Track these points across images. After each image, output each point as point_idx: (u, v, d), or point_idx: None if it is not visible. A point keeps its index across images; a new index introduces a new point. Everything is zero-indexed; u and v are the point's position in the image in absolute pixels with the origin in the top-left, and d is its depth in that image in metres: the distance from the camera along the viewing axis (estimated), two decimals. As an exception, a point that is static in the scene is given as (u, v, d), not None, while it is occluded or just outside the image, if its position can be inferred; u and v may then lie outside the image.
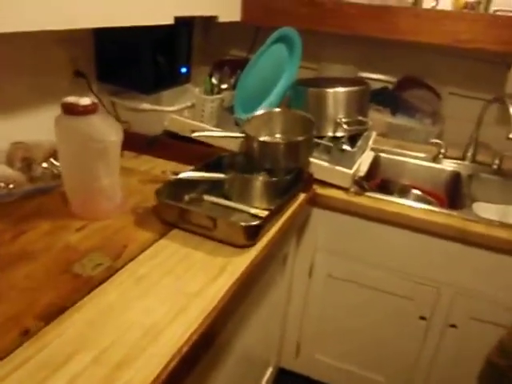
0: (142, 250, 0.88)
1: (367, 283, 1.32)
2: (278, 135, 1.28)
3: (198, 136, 1.24)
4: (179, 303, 0.75)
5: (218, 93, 1.43)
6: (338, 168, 1.22)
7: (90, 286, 0.77)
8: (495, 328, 1.18)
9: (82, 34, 1.32)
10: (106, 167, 0.95)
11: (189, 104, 1.47)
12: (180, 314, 0.73)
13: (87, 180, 0.96)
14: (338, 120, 1.33)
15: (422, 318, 1.29)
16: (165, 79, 1.43)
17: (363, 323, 1.39)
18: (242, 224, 0.90)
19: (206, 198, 1.09)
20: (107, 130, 0.94)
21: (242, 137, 1.19)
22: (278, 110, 1.30)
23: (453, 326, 1.26)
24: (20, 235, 0.89)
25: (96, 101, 0.95)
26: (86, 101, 0.92)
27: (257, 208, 1.05)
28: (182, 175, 1.03)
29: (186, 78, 1.53)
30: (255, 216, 1.02)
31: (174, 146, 1.35)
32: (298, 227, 1.31)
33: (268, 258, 0.97)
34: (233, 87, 1.48)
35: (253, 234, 0.92)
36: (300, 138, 1.16)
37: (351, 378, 1.48)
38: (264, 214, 0.99)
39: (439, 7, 1.44)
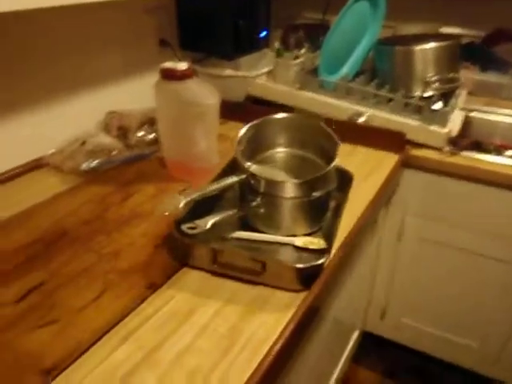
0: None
1: (462, 246, 1.27)
2: (281, 148, 0.94)
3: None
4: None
5: (298, 57, 1.41)
6: (431, 128, 1.17)
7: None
8: None
9: (166, 1, 1.33)
10: (204, 130, 0.97)
11: (267, 69, 1.46)
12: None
13: (186, 143, 0.98)
14: (428, 79, 1.27)
15: (520, 282, 1.24)
16: (245, 44, 1.42)
17: (454, 287, 1.35)
18: (299, 266, 0.69)
19: (235, 235, 0.81)
20: (205, 94, 0.95)
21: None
22: (279, 116, 0.92)
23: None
24: (128, 198, 0.94)
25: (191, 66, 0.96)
26: (183, 65, 0.93)
27: (295, 235, 0.81)
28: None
29: (266, 42, 1.51)
30: (303, 249, 0.78)
31: (257, 110, 1.34)
32: (388, 192, 1.28)
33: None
34: (311, 49, 1.45)
35: (310, 277, 0.70)
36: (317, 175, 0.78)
37: (439, 342, 1.46)
38: (317, 244, 0.77)
39: None
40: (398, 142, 1.16)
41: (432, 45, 1.28)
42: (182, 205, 0.72)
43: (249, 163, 0.85)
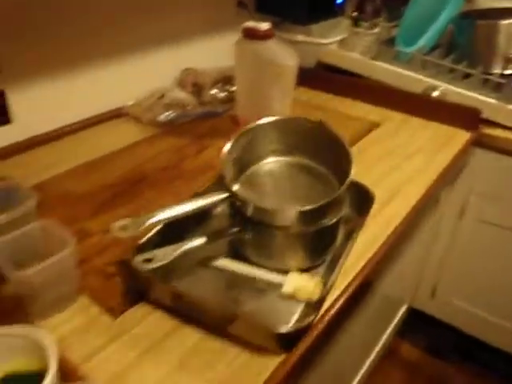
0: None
1: (525, 233, 1.25)
2: (270, 158, 0.77)
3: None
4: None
5: (373, 26, 1.39)
6: (510, 106, 1.13)
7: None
8: None
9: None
10: (280, 91, 0.99)
11: (341, 37, 1.45)
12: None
13: (261, 102, 1.01)
14: (511, 55, 1.22)
15: None
16: (320, 10, 1.42)
17: (511, 272, 1.33)
18: (280, 331, 0.53)
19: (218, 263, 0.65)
20: (284, 55, 0.97)
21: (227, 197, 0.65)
22: (271, 120, 0.76)
23: None
24: (202, 150, 0.98)
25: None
26: (265, 26, 0.95)
27: (286, 270, 0.63)
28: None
29: (341, 10, 1.49)
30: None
31: (329, 77, 1.35)
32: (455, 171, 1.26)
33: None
34: (387, 20, 1.42)
35: (290, 340, 0.55)
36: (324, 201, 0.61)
37: (488, 326, 1.45)
38: (310, 292, 0.59)
39: None
40: (472, 120, 1.14)
41: (518, 20, 1.23)
42: (143, 227, 0.56)
43: (233, 181, 0.66)
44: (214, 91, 1.20)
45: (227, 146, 0.69)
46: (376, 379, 1.47)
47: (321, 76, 1.35)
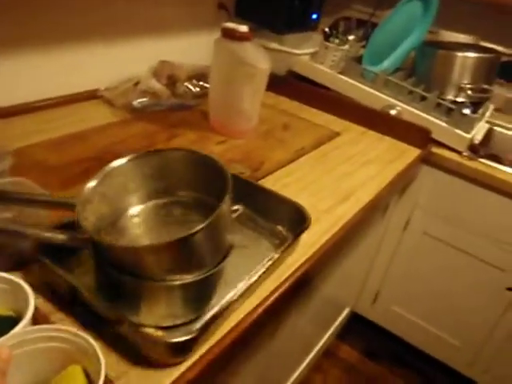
0: (278, 168, 0.98)
1: (461, 247, 1.36)
2: (139, 206, 0.65)
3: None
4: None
5: (343, 43, 1.48)
6: (456, 131, 1.24)
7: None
8: None
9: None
10: (251, 91, 1.05)
11: (313, 49, 1.53)
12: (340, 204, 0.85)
13: (232, 101, 1.07)
14: (463, 85, 1.34)
15: (509, 289, 1.32)
16: (296, 22, 1.50)
17: (448, 286, 1.44)
18: (169, 341, 0.50)
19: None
20: (259, 58, 1.03)
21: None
22: (132, 158, 0.63)
23: (540, 302, 1.29)
24: (172, 138, 1.03)
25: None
26: (244, 28, 1.01)
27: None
28: None
29: (315, 25, 1.58)
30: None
31: (297, 86, 1.43)
32: (403, 182, 1.36)
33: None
34: (358, 40, 1.52)
35: (184, 348, 0.52)
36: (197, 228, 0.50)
37: (424, 335, 1.55)
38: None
39: None
40: (423, 139, 1.24)
41: (474, 54, 1.35)
42: None
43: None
44: (187, 85, 1.25)
45: (91, 184, 0.58)
46: (315, 378, 1.55)
47: (290, 84, 1.43)
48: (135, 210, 0.65)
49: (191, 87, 1.25)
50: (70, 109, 1.09)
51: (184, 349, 0.52)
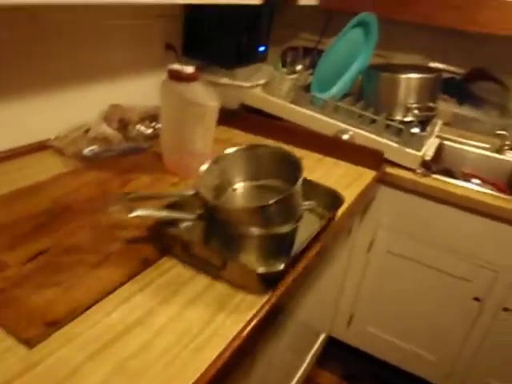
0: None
1: (426, 262, 1.38)
2: (242, 184, 0.92)
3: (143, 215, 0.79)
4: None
5: (293, 72, 1.51)
6: (407, 150, 1.28)
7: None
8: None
9: (175, 10, 1.43)
10: (202, 130, 1.06)
11: (264, 81, 1.56)
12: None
13: (184, 141, 1.07)
14: (409, 105, 1.39)
15: (476, 299, 1.34)
16: (244, 56, 1.53)
17: (417, 300, 1.45)
18: (259, 271, 0.73)
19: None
20: (207, 97, 1.04)
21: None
22: (240, 148, 0.90)
23: (506, 309, 1.31)
24: (126, 184, 1.01)
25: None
26: (190, 69, 1.02)
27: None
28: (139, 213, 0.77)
29: (264, 57, 1.62)
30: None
31: (250, 119, 1.44)
32: (364, 203, 1.38)
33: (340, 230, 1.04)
34: (306, 68, 1.56)
35: (272, 281, 0.74)
36: (285, 191, 0.77)
37: (401, 352, 1.56)
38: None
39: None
40: (376, 160, 1.27)
41: (416, 75, 1.40)
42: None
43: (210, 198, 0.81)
44: (139, 128, 1.24)
45: (207, 164, 0.86)
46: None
47: (243, 117, 1.44)
48: (236, 186, 0.91)
49: (144, 129, 1.25)
50: (19, 162, 1.06)
51: (271, 280, 0.73)
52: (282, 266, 0.73)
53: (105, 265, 0.74)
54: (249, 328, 0.67)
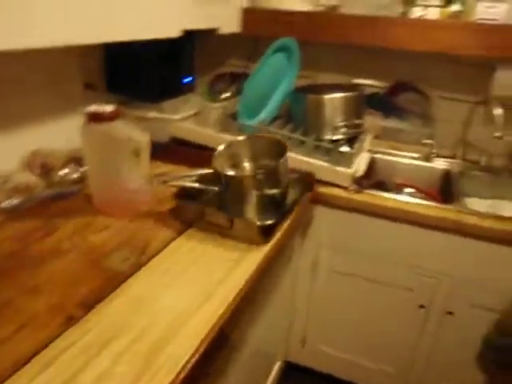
0: (164, 247, 0.95)
1: (368, 276, 1.40)
2: (246, 163, 1.17)
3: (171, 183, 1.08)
4: (205, 291, 0.82)
5: (221, 101, 1.51)
6: (338, 168, 1.30)
7: (119, 278, 0.84)
8: (489, 313, 1.26)
9: (92, 47, 1.39)
10: (132, 167, 1.04)
11: (193, 112, 1.55)
12: (207, 301, 0.80)
13: (115, 180, 1.04)
14: (336, 124, 1.42)
15: (422, 306, 1.37)
16: (169, 89, 1.51)
17: (365, 315, 1.46)
18: (258, 223, 0.98)
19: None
20: (133, 133, 1.02)
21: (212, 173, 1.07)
22: (243, 138, 1.17)
23: (450, 313, 1.34)
24: (50, 234, 0.96)
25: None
26: (109, 108, 1.00)
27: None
28: (174, 183, 1.08)
29: (190, 88, 1.61)
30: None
31: (182, 151, 1.42)
32: (302, 225, 1.39)
33: (278, 254, 1.04)
34: (234, 95, 1.56)
35: (268, 232, 0.99)
36: (273, 164, 1.07)
37: (355, 368, 1.56)
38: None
39: (428, 17, 1.54)
40: (309, 182, 1.28)
41: (340, 95, 1.43)
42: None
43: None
44: (64, 172, 1.19)
45: (220, 148, 1.11)
46: None
47: (174, 150, 1.42)
48: (244, 165, 1.16)
49: (69, 173, 1.20)
50: None
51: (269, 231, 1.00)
52: (273, 220, 1.00)
53: (27, 328, 0.69)
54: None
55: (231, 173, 1.12)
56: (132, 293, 0.81)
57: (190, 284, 0.84)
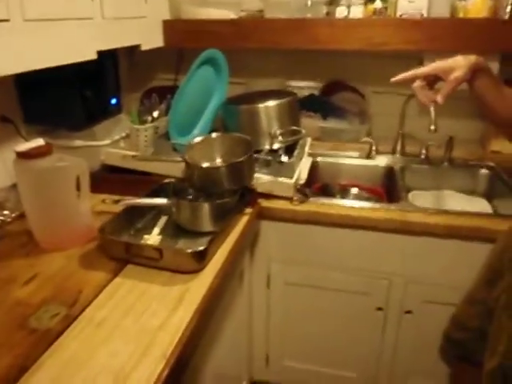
0: (98, 293, 0.87)
1: (322, 285, 1.37)
2: (218, 159, 1.25)
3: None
4: (144, 341, 0.75)
5: (152, 121, 1.42)
6: (279, 179, 1.25)
7: (49, 338, 0.75)
8: (446, 307, 1.25)
9: (1, 78, 1.28)
10: (77, 195, 0.99)
11: (123, 134, 1.47)
12: (146, 352, 0.73)
13: (59, 211, 1.00)
14: (273, 133, 1.37)
15: (379, 308, 1.35)
16: (95, 113, 1.41)
17: (325, 324, 1.43)
18: (188, 251, 0.91)
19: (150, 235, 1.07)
20: (71, 162, 0.96)
21: (183, 161, 1.17)
22: (215, 134, 1.28)
23: (408, 312, 1.33)
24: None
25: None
26: (39, 142, 0.96)
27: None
28: (124, 202, 1.08)
29: (118, 109, 1.52)
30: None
31: (115, 179, 1.34)
32: (250, 242, 1.34)
33: (225, 279, 0.99)
34: (165, 113, 1.48)
35: (200, 258, 0.92)
36: (240, 159, 1.13)
37: (322, 378, 1.52)
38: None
39: (351, 16, 1.53)
40: (251, 197, 1.23)
41: (274, 102, 1.38)
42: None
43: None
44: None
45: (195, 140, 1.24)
46: None
47: (105, 179, 1.33)
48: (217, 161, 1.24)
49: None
50: None
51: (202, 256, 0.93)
52: (204, 246, 0.93)
53: None
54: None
55: (206, 164, 1.21)
56: (63, 355, 0.72)
57: (129, 334, 0.77)
